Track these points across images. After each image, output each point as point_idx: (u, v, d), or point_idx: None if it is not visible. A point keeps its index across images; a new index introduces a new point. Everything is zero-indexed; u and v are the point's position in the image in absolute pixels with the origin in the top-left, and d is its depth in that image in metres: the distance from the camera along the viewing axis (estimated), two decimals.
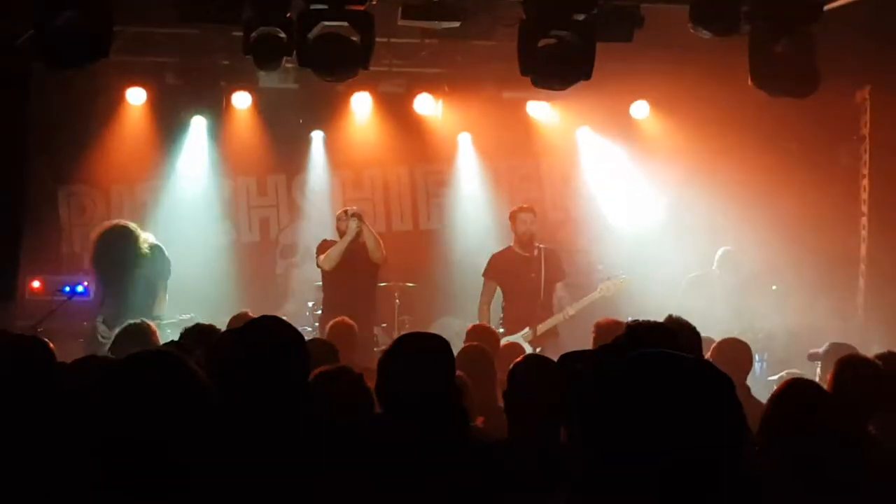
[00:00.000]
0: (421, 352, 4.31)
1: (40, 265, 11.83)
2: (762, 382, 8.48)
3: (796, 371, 8.56)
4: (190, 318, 10.01)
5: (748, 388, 7.08)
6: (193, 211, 12.53)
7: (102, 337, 9.67)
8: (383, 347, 4.83)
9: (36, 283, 11.53)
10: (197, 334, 6.28)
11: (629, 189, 13.14)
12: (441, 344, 4.39)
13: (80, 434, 2.67)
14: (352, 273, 10.90)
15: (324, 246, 11.18)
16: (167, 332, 8.79)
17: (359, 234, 10.94)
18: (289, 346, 3.54)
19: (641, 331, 4.15)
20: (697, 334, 5.72)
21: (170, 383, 2.66)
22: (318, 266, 11.10)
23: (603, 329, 6.93)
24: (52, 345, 5.95)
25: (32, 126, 11.55)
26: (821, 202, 11.81)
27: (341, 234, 11.07)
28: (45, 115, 11.59)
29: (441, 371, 4.29)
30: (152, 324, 7.59)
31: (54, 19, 8.46)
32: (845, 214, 11.90)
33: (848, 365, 5.56)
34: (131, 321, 7.54)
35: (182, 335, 6.69)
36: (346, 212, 11.26)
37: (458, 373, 6.00)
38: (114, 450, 2.57)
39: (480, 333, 8.53)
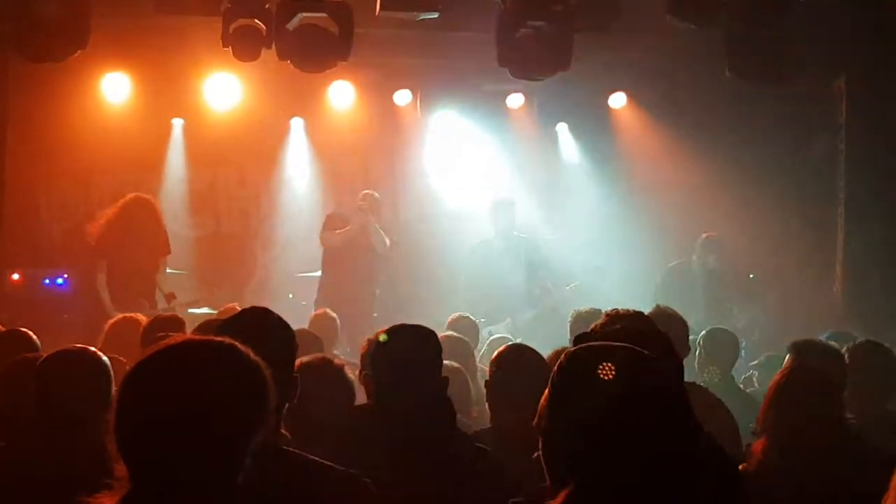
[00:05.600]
0: (412, 344, 4.33)
1: (20, 258, 11.79)
2: (743, 369, 8.53)
3: (773, 353, 8.68)
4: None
5: (732, 377, 7.17)
6: (174, 203, 12.50)
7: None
8: (370, 337, 4.85)
9: (16, 276, 11.49)
10: (161, 324, 6.28)
11: (609, 178, 13.17)
12: (430, 336, 4.41)
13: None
14: (352, 265, 11.01)
15: (330, 220, 11.30)
16: None
17: (363, 227, 11.09)
18: (279, 337, 3.56)
19: (619, 319, 4.18)
20: (685, 324, 5.78)
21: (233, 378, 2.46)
22: (320, 238, 11.23)
23: (581, 318, 6.97)
24: (34, 336, 6.02)
25: (10, 119, 11.53)
26: (798, 191, 11.88)
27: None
28: (24, 107, 11.56)
29: (431, 363, 4.31)
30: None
31: (32, 11, 8.45)
32: (823, 203, 11.97)
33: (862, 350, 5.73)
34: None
35: (147, 329, 6.67)
36: (366, 195, 11.43)
37: (454, 364, 6.07)
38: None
39: (461, 325, 8.57)
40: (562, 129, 13.39)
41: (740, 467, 4.11)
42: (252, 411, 2.45)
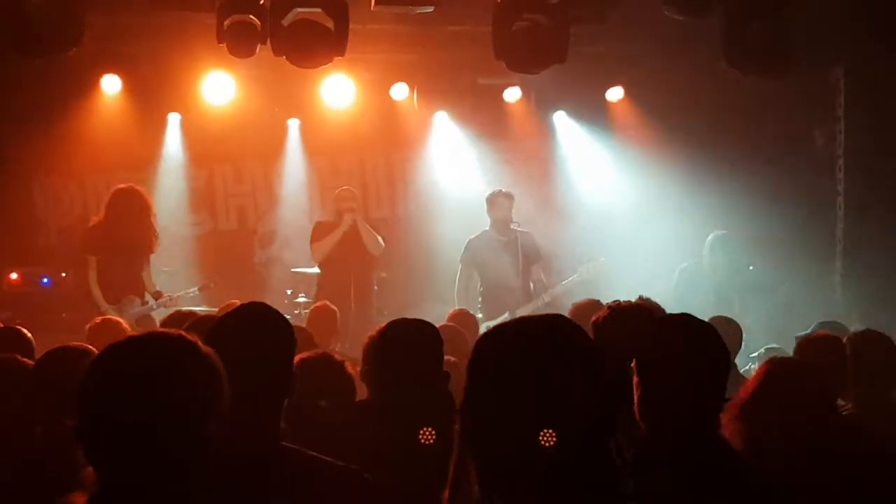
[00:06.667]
0: (412, 339, 4.31)
1: (17, 257, 11.77)
2: (743, 361, 8.52)
3: (774, 346, 8.66)
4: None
5: (735, 367, 7.12)
6: (170, 200, 12.48)
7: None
8: (370, 333, 4.82)
9: (14, 275, 11.48)
10: (176, 322, 6.23)
11: (606, 172, 13.15)
12: (432, 331, 4.39)
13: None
14: (346, 264, 10.97)
15: (318, 229, 11.27)
16: None
17: (353, 227, 11.05)
18: (278, 332, 3.54)
19: (622, 311, 4.16)
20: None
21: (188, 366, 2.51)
22: (311, 250, 11.24)
23: (581, 310, 6.93)
24: (28, 334, 5.99)
25: (5, 117, 11.51)
26: (797, 183, 11.87)
27: (338, 213, 11.17)
28: (19, 105, 11.54)
29: (433, 358, 4.29)
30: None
31: (25, 8, 8.42)
32: (821, 195, 11.96)
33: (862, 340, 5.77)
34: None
35: (162, 324, 6.67)
36: (346, 192, 11.36)
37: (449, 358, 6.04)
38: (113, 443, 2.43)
39: (461, 319, 8.54)
40: (559, 121, 13.36)
41: None
42: (203, 399, 2.50)
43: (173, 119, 12.67)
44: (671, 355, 3.34)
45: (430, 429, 3.96)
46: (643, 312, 4.23)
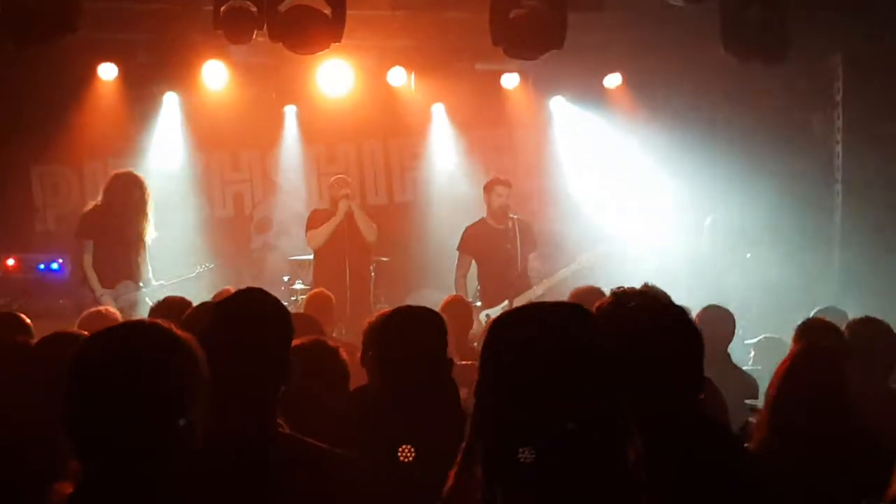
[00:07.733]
0: (420, 325, 4.31)
1: (14, 244, 11.76)
2: (739, 348, 8.50)
3: (771, 335, 8.64)
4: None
5: (728, 356, 7.08)
6: (167, 187, 12.44)
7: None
8: (370, 319, 4.80)
9: (11, 262, 11.47)
10: (167, 308, 6.21)
11: (603, 159, 13.13)
12: (437, 318, 4.39)
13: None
14: (342, 250, 10.95)
15: (314, 217, 11.25)
16: None
17: (349, 214, 11.02)
18: (275, 319, 3.53)
19: (628, 298, 4.12)
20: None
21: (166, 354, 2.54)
22: (307, 238, 11.22)
23: (579, 297, 6.91)
24: (29, 321, 5.98)
25: (2, 104, 11.48)
26: (795, 169, 11.86)
27: (332, 200, 11.14)
28: (16, 92, 11.51)
29: (437, 346, 4.29)
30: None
31: None
32: (819, 182, 11.95)
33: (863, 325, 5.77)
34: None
35: (152, 310, 6.62)
36: (340, 180, 11.34)
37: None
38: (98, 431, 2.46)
39: (456, 306, 8.52)
40: (557, 107, 13.33)
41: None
42: (184, 386, 2.53)
43: (170, 106, 12.64)
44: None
45: (409, 447, 3.94)
46: (647, 298, 4.18)
